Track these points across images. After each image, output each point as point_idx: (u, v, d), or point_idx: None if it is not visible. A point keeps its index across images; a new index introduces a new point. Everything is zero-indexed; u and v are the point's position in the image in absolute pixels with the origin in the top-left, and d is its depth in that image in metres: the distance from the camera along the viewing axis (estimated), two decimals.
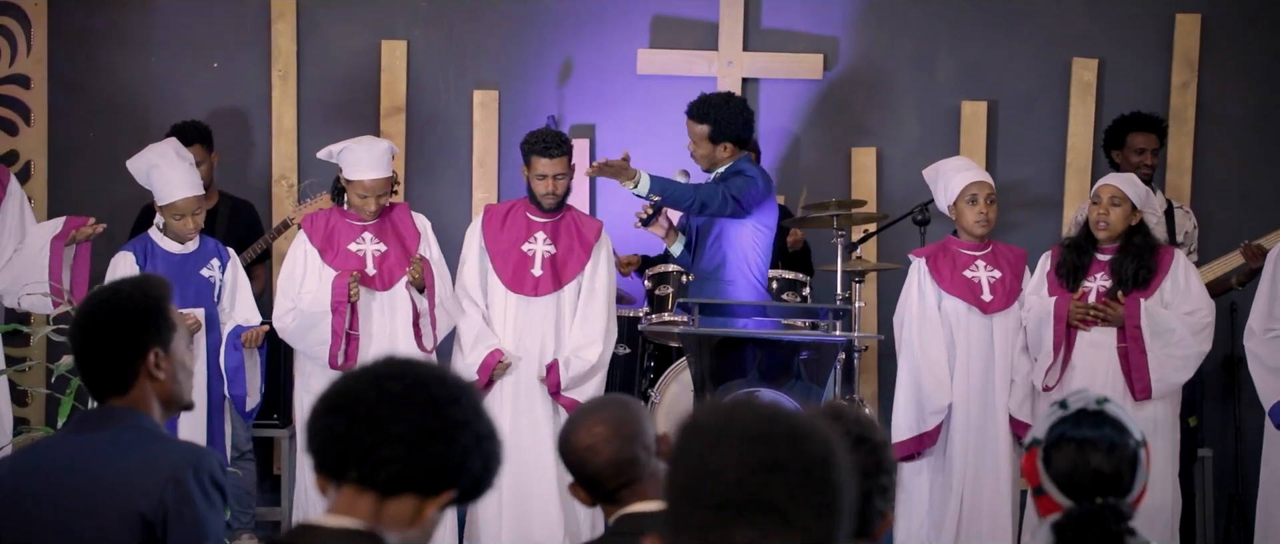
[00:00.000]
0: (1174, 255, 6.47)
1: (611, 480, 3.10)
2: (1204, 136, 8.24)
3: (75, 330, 3.11)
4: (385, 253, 6.38)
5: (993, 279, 6.48)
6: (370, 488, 2.26)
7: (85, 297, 3.18)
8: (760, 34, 8.30)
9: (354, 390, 2.28)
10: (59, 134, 8.12)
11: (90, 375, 3.10)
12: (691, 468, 1.93)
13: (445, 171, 8.27)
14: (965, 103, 8.28)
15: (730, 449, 1.91)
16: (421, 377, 2.28)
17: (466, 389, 2.32)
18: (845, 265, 7.12)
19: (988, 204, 6.50)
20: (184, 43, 8.22)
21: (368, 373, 2.30)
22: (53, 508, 3.01)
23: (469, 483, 2.30)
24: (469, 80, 8.28)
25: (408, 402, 2.25)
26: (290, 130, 8.20)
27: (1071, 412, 2.81)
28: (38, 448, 3.21)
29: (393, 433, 2.24)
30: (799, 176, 8.19)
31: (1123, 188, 6.42)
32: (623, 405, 3.19)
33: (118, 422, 3.07)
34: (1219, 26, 8.25)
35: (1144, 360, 6.28)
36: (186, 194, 6.39)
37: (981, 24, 8.31)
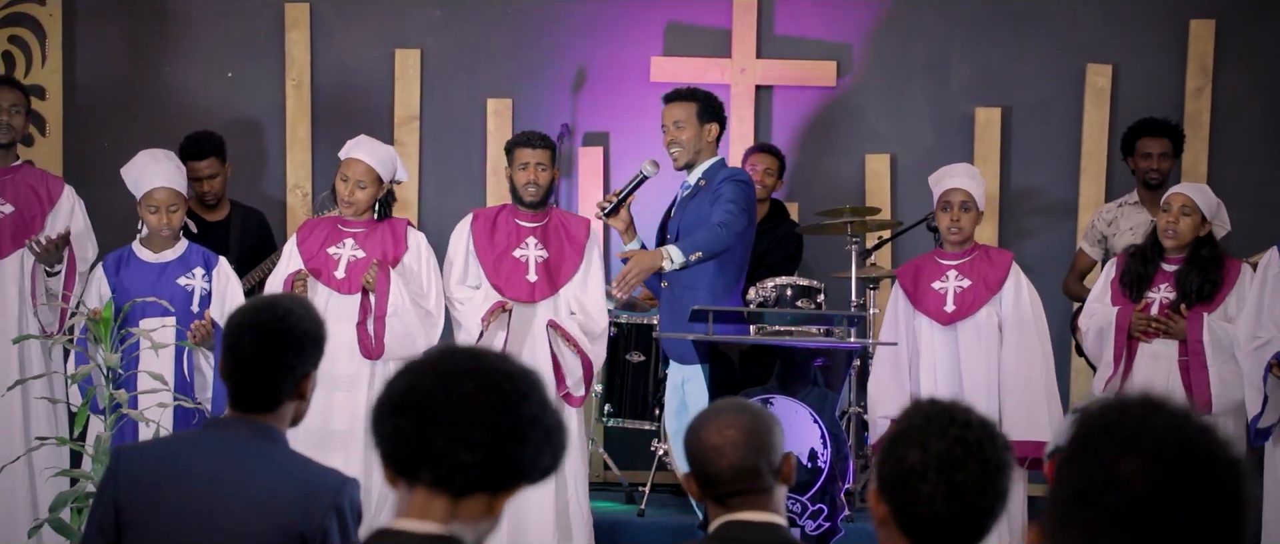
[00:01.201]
0: (1240, 269, 6.37)
1: (728, 485, 3.10)
2: (1218, 142, 8.22)
3: (240, 337, 3.15)
4: (362, 260, 6.33)
5: (960, 288, 6.38)
6: (444, 490, 2.23)
7: (252, 306, 3.22)
8: (774, 41, 8.30)
9: (422, 389, 2.24)
10: (74, 145, 8.14)
11: (243, 385, 3.16)
12: (1093, 470, 1.82)
13: (459, 180, 8.28)
14: (979, 109, 8.27)
15: (1141, 459, 1.79)
16: (491, 374, 2.24)
17: (533, 383, 2.28)
18: (859, 272, 7.12)
19: (961, 212, 6.36)
20: (198, 53, 8.24)
21: (435, 369, 2.26)
22: (203, 514, 3.08)
23: (539, 475, 2.28)
24: (482, 89, 8.29)
25: (480, 403, 2.21)
26: (304, 140, 8.21)
27: None
28: (177, 446, 3.27)
29: (466, 437, 2.21)
30: (813, 183, 8.19)
31: (1193, 197, 6.34)
32: (758, 416, 3.19)
33: (268, 438, 3.16)
34: (1233, 32, 8.23)
35: (1205, 376, 6.22)
36: (161, 183, 6.24)
37: (995, 30, 8.30)
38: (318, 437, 6.20)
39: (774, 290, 6.94)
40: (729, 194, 6.20)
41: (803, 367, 6.22)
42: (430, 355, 2.30)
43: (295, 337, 3.14)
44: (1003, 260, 6.44)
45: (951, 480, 2.44)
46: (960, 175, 6.45)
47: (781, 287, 6.96)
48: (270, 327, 3.14)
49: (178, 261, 6.30)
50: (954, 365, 6.34)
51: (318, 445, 6.19)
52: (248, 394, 3.16)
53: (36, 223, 6.57)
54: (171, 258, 6.31)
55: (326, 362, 6.29)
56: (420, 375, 2.26)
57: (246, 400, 3.17)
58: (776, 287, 6.96)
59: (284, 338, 3.13)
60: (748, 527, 3.08)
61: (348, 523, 3.12)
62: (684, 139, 6.16)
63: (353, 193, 6.30)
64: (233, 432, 3.16)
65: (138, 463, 3.19)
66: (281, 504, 3.07)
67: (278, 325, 3.14)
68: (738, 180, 6.26)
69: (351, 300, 6.27)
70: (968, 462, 2.45)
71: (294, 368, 3.15)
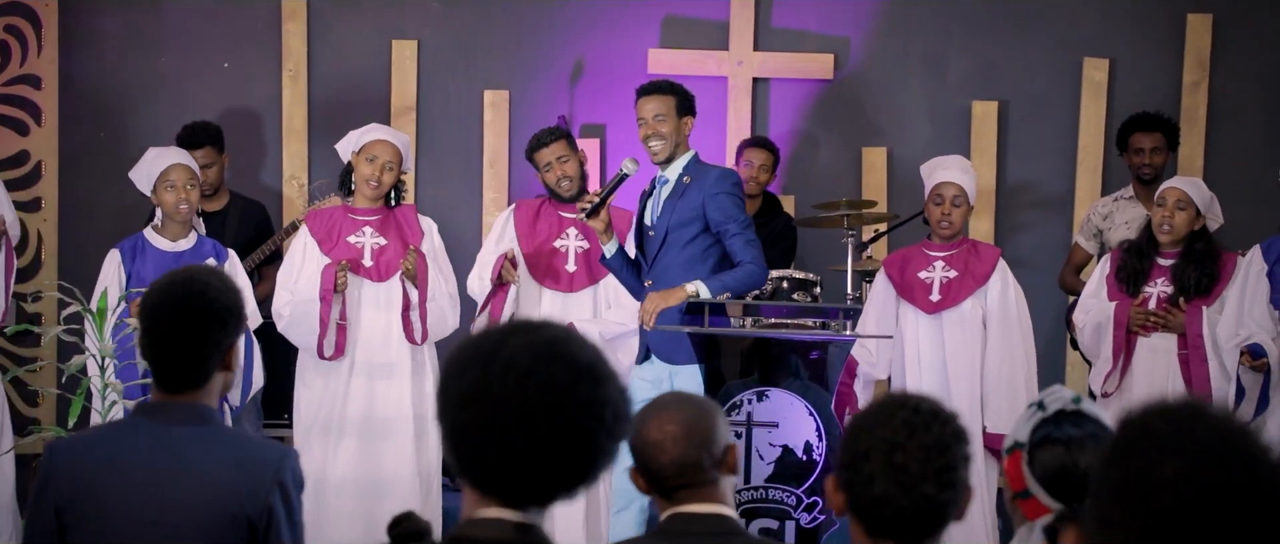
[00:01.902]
0: (1236, 262, 6.38)
1: (672, 479, 3.14)
2: (1215, 137, 8.22)
3: (158, 318, 3.06)
4: (384, 246, 6.37)
5: (946, 279, 6.37)
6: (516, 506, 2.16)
7: (161, 283, 3.11)
8: (771, 34, 8.30)
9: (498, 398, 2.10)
10: (69, 134, 8.13)
11: (168, 365, 3.07)
12: (1135, 471, 1.82)
13: (456, 172, 8.28)
14: (976, 103, 8.27)
15: (1183, 461, 1.80)
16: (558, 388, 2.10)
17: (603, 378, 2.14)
18: (855, 265, 7.11)
19: (952, 206, 6.34)
20: (194, 43, 8.22)
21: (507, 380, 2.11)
22: (148, 507, 3.02)
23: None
24: (480, 80, 8.28)
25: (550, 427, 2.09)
26: (301, 130, 8.21)
27: (1051, 412, 2.80)
28: (111, 439, 3.15)
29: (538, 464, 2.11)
30: (809, 176, 8.18)
31: (1188, 192, 6.35)
32: (699, 409, 3.22)
33: (200, 418, 3.08)
34: (1231, 26, 8.23)
35: (1205, 369, 6.23)
36: (176, 161, 6.33)
37: (993, 24, 8.30)
38: (363, 425, 6.24)
39: (770, 283, 6.94)
40: (740, 217, 6.02)
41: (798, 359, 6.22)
42: (508, 363, 2.11)
43: (216, 310, 3.05)
44: (990, 255, 6.44)
45: (891, 460, 2.46)
46: (953, 168, 6.43)
47: (777, 280, 6.96)
48: (189, 303, 3.04)
49: (192, 251, 6.36)
50: (938, 355, 6.35)
51: (364, 434, 6.23)
52: (175, 374, 3.07)
53: None
54: (186, 247, 6.37)
55: (366, 350, 6.33)
56: (498, 385, 2.11)
57: (174, 381, 3.07)
58: (773, 280, 6.96)
59: (205, 313, 3.04)
60: (694, 519, 3.12)
61: (291, 496, 3.07)
62: (665, 131, 6.01)
63: (381, 174, 6.33)
64: (167, 417, 3.08)
65: (73, 459, 3.08)
66: (226, 490, 3.02)
67: (197, 301, 3.04)
68: (737, 193, 6.07)
69: (383, 288, 6.34)
70: (909, 443, 2.47)
71: (219, 342, 3.06)
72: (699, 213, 5.98)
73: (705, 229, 5.99)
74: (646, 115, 6.04)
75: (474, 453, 2.11)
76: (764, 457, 6.16)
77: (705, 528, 3.12)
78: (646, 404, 3.27)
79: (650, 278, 6.05)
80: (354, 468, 6.24)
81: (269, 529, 3.04)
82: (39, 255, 8.04)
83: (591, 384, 2.10)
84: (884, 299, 6.49)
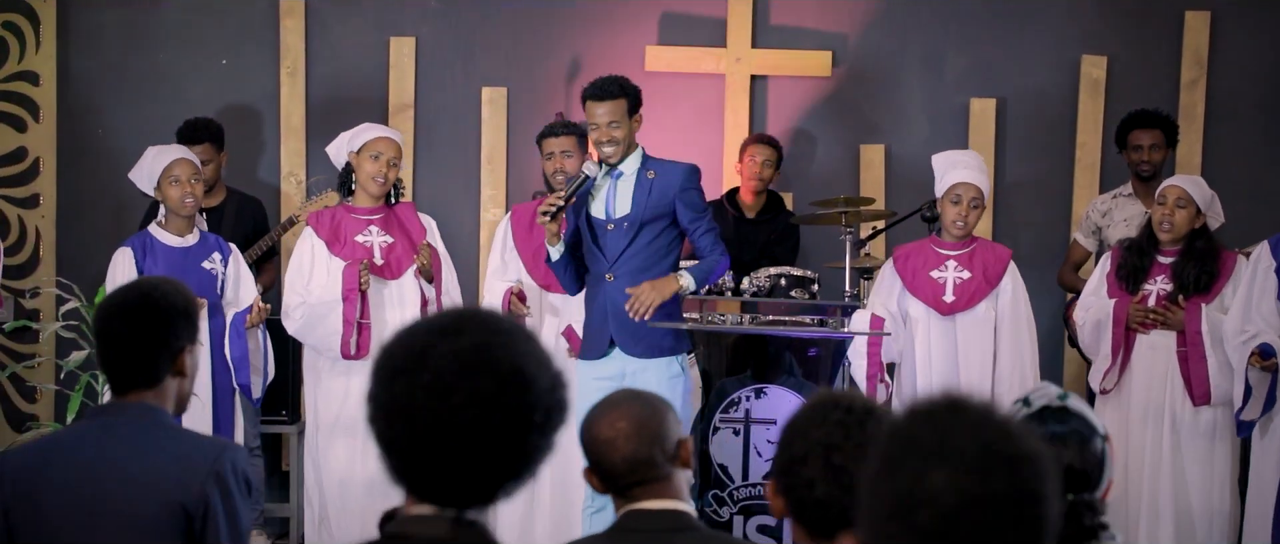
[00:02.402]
0: (1236, 260, 6.39)
1: (625, 476, 3.16)
2: (1213, 134, 8.23)
3: (109, 320, 3.13)
4: (392, 244, 6.38)
5: (960, 280, 6.37)
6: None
7: (118, 288, 3.20)
8: (769, 31, 8.30)
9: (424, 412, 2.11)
10: (67, 131, 8.13)
11: (120, 366, 3.13)
12: (902, 488, 1.83)
13: (453, 169, 8.27)
14: (974, 100, 8.27)
15: (946, 474, 1.81)
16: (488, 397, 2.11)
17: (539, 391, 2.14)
18: (853, 262, 7.12)
19: (970, 208, 6.33)
20: (192, 40, 8.22)
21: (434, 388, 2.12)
22: (83, 502, 3.04)
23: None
24: (477, 78, 8.28)
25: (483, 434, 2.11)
26: (299, 127, 8.21)
27: (1036, 409, 2.80)
28: (57, 439, 3.20)
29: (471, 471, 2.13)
30: (807, 174, 8.19)
31: (1189, 190, 6.36)
32: (649, 405, 3.23)
33: (142, 417, 3.11)
34: (1229, 24, 8.23)
35: (1203, 367, 6.24)
36: (179, 156, 6.38)
37: (991, 21, 8.30)
38: None
39: (768, 280, 6.94)
40: (707, 213, 6.06)
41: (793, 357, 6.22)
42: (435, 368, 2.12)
43: (163, 309, 3.12)
44: (1002, 256, 6.44)
45: (829, 461, 2.49)
46: (973, 169, 6.41)
47: (775, 276, 6.96)
48: (138, 303, 3.12)
49: (198, 246, 6.41)
50: (950, 356, 6.34)
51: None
52: (126, 375, 3.13)
53: None
54: (191, 243, 6.42)
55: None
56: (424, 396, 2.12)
57: (125, 381, 3.13)
58: (770, 276, 6.96)
59: (153, 313, 3.11)
60: (649, 515, 3.13)
61: (231, 490, 3.08)
62: (619, 136, 5.95)
63: (387, 171, 6.36)
64: (113, 416, 3.13)
65: (19, 462, 3.13)
66: (161, 480, 3.04)
67: (145, 302, 3.12)
68: (701, 188, 6.08)
69: (396, 285, 6.38)
70: (845, 444, 2.49)
71: (168, 342, 3.12)
72: (669, 207, 5.96)
73: (671, 223, 5.98)
74: (600, 121, 5.98)
75: (406, 463, 2.14)
76: (762, 454, 6.17)
77: (660, 524, 3.13)
78: (597, 403, 3.28)
79: (613, 272, 5.97)
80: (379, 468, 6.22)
81: (206, 520, 3.04)
82: (37, 251, 8.04)
83: (517, 390, 2.11)
84: (889, 290, 6.46)
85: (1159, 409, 6.36)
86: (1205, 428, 6.34)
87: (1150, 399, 6.37)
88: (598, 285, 6.02)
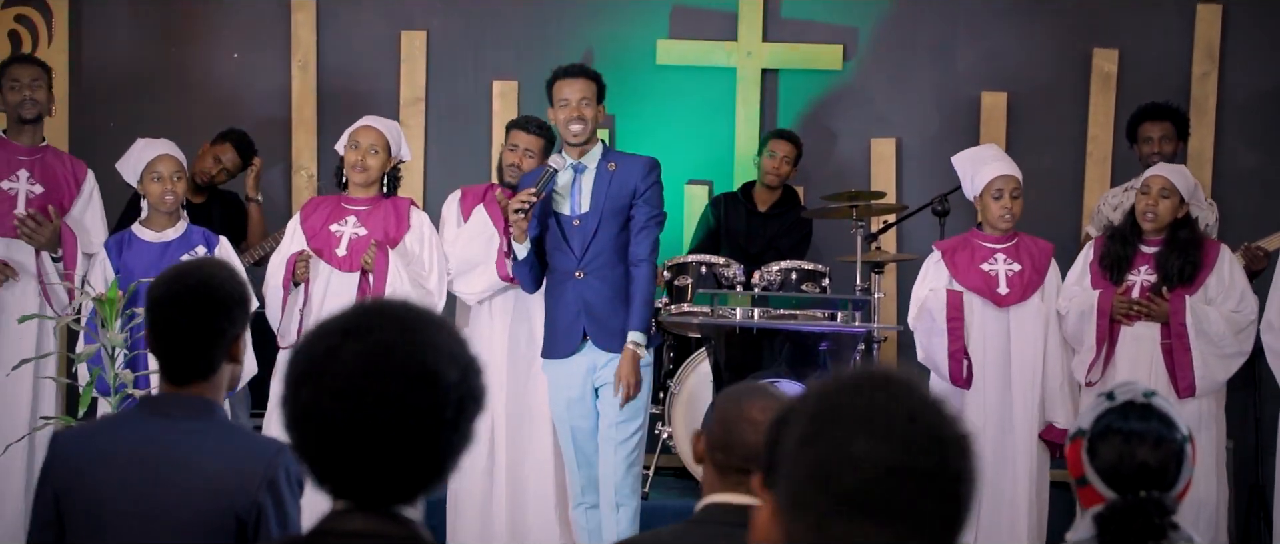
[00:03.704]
0: (1219, 250, 6.39)
1: (741, 460, 3.09)
2: (1225, 127, 8.22)
3: (164, 310, 3.06)
4: (363, 237, 6.33)
5: (1011, 272, 6.38)
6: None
7: (171, 277, 3.10)
8: (780, 24, 8.29)
9: (334, 417, 2.10)
10: (79, 125, 8.14)
11: (176, 358, 3.07)
12: (824, 454, 1.83)
13: (464, 163, 8.27)
14: (985, 93, 8.26)
15: (871, 443, 1.81)
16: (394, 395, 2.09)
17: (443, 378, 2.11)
18: (864, 256, 7.11)
19: (1012, 199, 6.36)
20: (204, 34, 8.23)
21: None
22: (142, 498, 3.01)
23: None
24: (488, 71, 8.28)
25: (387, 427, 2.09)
26: (310, 121, 8.21)
27: (1118, 403, 2.80)
28: (114, 430, 3.16)
29: (387, 471, 2.12)
30: (818, 167, 8.18)
31: (1173, 179, 6.35)
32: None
33: (202, 413, 3.06)
34: (1240, 17, 8.22)
35: (1188, 358, 6.24)
36: (163, 152, 6.32)
37: (1001, 15, 8.29)
38: None
39: (779, 274, 6.94)
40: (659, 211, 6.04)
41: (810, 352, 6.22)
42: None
43: (221, 299, 3.04)
44: (1046, 249, 6.47)
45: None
46: (1004, 161, 6.43)
47: (786, 270, 6.96)
48: (195, 293, 3.04)
49: (180, 240, 6.32)
50: (1003, 348, 6.35)
51: None
52: (181, 366, 3.06)
53: (67, 206, 6.58)
54: (173, 237, 6.33)
55: None
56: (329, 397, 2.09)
57: (180, 373, 3.07)
58: (781, 270, 6.96)
59: (211, 303, 3.04)
60: (733, 509, 3.08)
61: (283, 496, 3.03)
62: (588, 116, 5.97)
63: (365, 159, 6.28)
64: (168, 409, 3.07)
65: (74, 448, 3.09)
66: (216, 484, 3.00)
67: (202, 291, 3.04)
68: (660, 181, 6.08)
69: (353, 278, 6.28)
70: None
71: (225, 332, 3.05)
72: (630, 200, 5.96)
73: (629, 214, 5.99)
74: (571, 98, 5.99)
75: (322, 466, 2.12)
76: None
77: (743, 518, 3.09)
78: (755, 382, 3.22)
79: (583, 269, 5.97)
80: None
81: (258, 526, 3.01)
82: None
83: (426, 389, 2.08)
84: (935, 278, 6.44)
85: None
86: (1191, 419, 6.28)
87: None
88: (564, 283, 6.01)
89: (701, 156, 8.25)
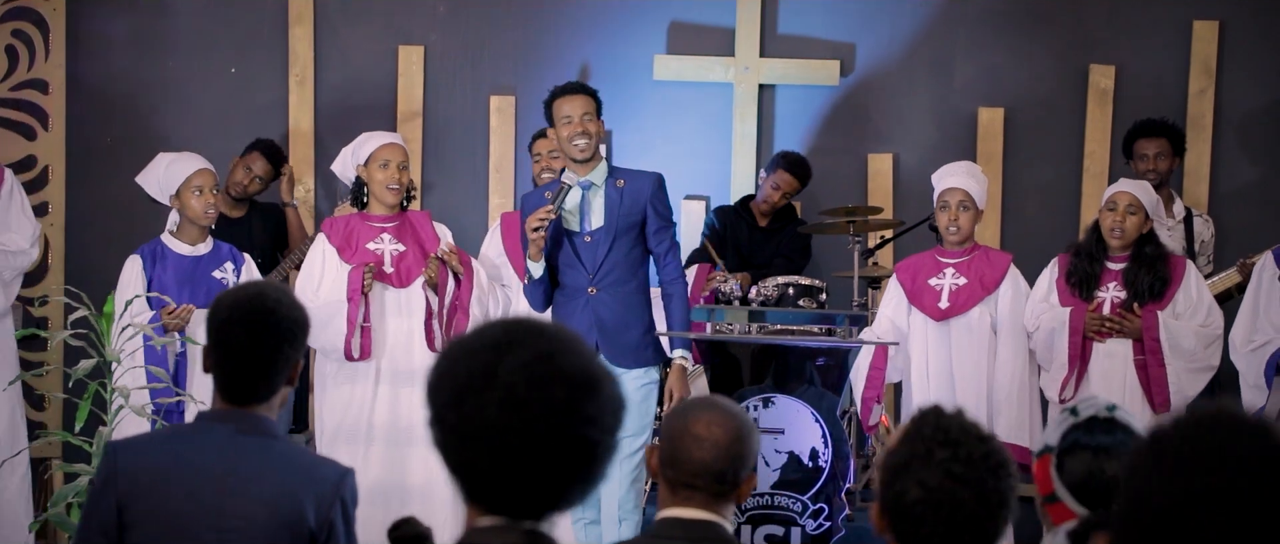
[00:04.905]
0: (1186, 266, 6.42)
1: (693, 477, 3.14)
2: (1222, 144, 8.23)
3: (231, 331, 3.13)
4: (403, 252, 6.36)
5: (955, 286, 6.40)
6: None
7: (235, 297, 3.19)
8: (777, 40, 8.30)
9: (501, 430, 2.11)
10: (76, 139, 8.14)
11: (239, 378, 3.15)
12: (1176, 487, 1.84)
13: (462, 177, 8.28)
14: (982, 109, 8.27)
15: (1223, 477, 1.81)
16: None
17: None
18: (861, 271, 7.12)
19: (959, 211, 6.38)
20: (201, 47, 8.24)
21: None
22: (211, 512, 3.08)
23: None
24: (486, 85, 8.29)
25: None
26: (307, 135, 8.22)
27: (1083, 419, 2.81)
28: (179, 443, 3.22)
29: (548, 482, 2.13)
30: (815, 182, 8.19)
31: (1138, 195, 6.37)
32: (747, 429, 3.23)
33: (265, 430, 3.15)
34: (1237, 33, 8.23)
35: (1163, 373, 6.25)
36: (202, 166, 6.36)
37: (998, 30, 8.30)
38: (390, 432, 6.22)
39: (776, 289, 6.95)
40: (672, 224, 6.12)
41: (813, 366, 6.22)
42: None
43: (287, 326, 3.14)
44: (1001, 262, 6.47)
45: (952, 519, 2.46)
46: (960, 174, 6.47)
47: (783, 285, 6.96)
48: (261, 318, 3.12)
49: (210, 256, 6.39)
50: (945, 362, 6.39)
51: (390, 442, 6.22)
52: (242, 387, 3.15)
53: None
54: (204, 252, 6.40)
55: (391, 358, 6.31)
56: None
57: (241, 393, 3.15)
58: (778, 285, 6.96)
59: (276, 328, 3.12)
60: (685, 523, 3.12)
61: (350, 514, 3.15)
62: (592, 131, 5.98)
63: (399, 175, 6.32)
64: (231, 425, 3.15)
65: (138, 460, 3.15)
66: (288, 500, 3.08)
67: (269, 317, 3.12)
68: (667, 195, 6.12)
69: (405, 294, 6.31)
70: (965, 500, 2.46)
71: (289, 357, 3.15)
72: (641, 215, 5.98)
73: (644, 231, 6.01)
74: (574, 114, 6.00)
75: (482, 481, 2.12)
76: (770, 463, 6.16)
77: (694, 533, 3.13)
78: (699, 397, 3.28)
79: (595, 285, 6.00)
80: (381, 475, 6.21)
81: (329, 542, 3.11)
82: (46, 259, 8.04)
83: (589, 394, 2.10)
84: (896, 305, 6.50)
85: None
86: None
87: None
88: (575, 299, 6.03)
89: (699, 172, 8.25)
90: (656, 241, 6.03)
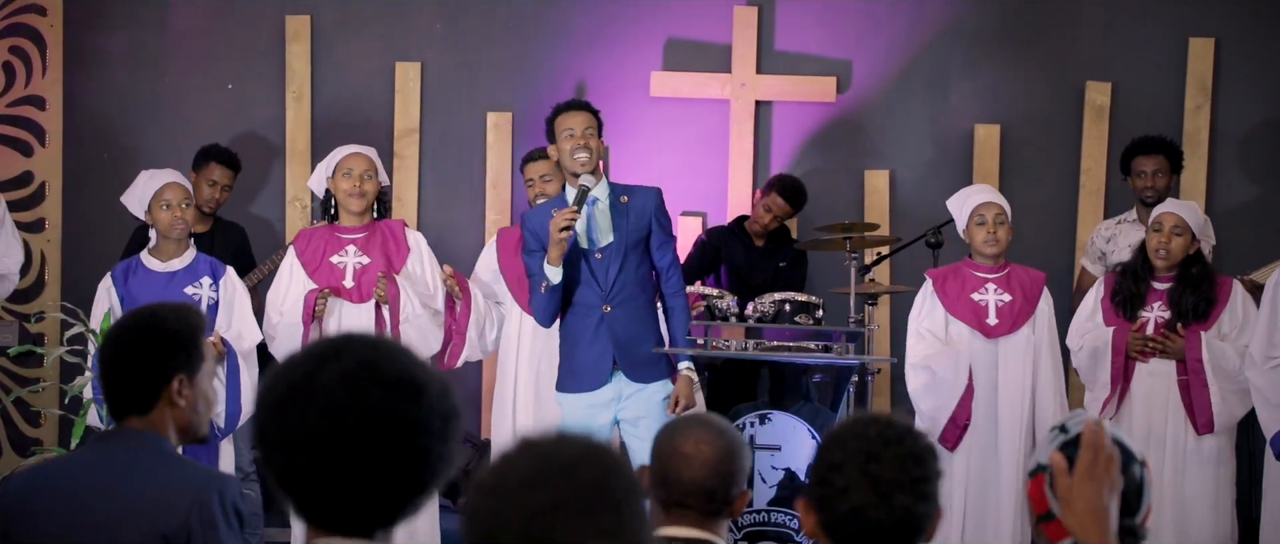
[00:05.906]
0: (1232, 286, 6.38)
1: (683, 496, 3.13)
2: (1218, 160, 8.23)
3: (106, 345, 3.13)
4: (367, 266, 6.35)
5: (1001, 303, 6.38)
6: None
7: (126, 313, 3.19)
8: (773, 57, 8.31)
9: (320, 439, 2.11)
10: (73, 155, 8.14)
11: (113, 392, 3.12)
12: (483, 528, 1.92)
13: (458, 194, 8.28)
14: (978, 126, 8.28)
15: (510, 501, 1.90)
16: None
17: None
18: (858, 288, 7.12)
19: (996, 224, 6.38)
20: (198, 64, 8.24)
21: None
22: (71, 526, 3.03)
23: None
24: (482, 102, 8.30)
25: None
26: (304, 152, 8.21)
27: (1073, 436, 2.81)
28: (53, 465, 3.21)
29: (376, 493, 2.13)
30: (812, 199, 8.19)
31: (1184, 216, 6.35)
32: (737, 446, 3.22)
33: (136, 443, 3.09)
34: (1233, 50, 8.24)
35: (1206, 395, 6.22)
36: (171, 180, 6.30)
37: (995, 47, 8.31)
38: None
39: (772, 305, 6.94)
40: (671, 238, 6.15)
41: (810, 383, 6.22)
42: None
43: (156, 336, 3.08)
44: (1037, 279, 6.47)
45: (866, 470, 2.49)
46: (990, 191, 6.52)
47: (780, 302, 6.96)
48: (135, 327, 3.11)
49: (185, 271, 6.31)
50: (991, 377, 6.34)
51: None
52: (120, 399, 3.11)
53: None
54: (179, 267, 6.32)
55: None
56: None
57: (120, 405, 3.11)
58: (774, 302, 6.96)
59: (149, 336, 3.09)
60: (678, 543, 3.09)
61: (215, 521, 3.02)
62: (593, 145, 5.99)
63: (363, 184, 6.32)
64: (112, 442, 3.12)
65: (22, 487, 3.13)
66: (144, 507, 3.01)
67: (142, 326, 3.10)
68: (666, 209, 6.16)
69: (366, 308, 6.30)
70: (885, 453, 2.49)
71: (162, 366, 3.07)
72: (647, 228, 5.99)
73: (647, 245, 6.03)
74: (576, 128, 6.00)
75: (310, 495, 2.11)
76: (767, 480, 6.17)
77: None
78: (687, 415, 3.27)
79: (609, 302, 5.99)
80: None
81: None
82: (42, 276, 8.05)
83: (412, 400, 2.10)
84: (932, 316, 6.45)
85: (1160, 437, 6.33)
86: (1208, 455, 6.32)
87: (1151, 427, 6.34)
88: (589, 317, 6.01)
89: (695, 188, 8.25)
90: (660, 255, 6.05)
